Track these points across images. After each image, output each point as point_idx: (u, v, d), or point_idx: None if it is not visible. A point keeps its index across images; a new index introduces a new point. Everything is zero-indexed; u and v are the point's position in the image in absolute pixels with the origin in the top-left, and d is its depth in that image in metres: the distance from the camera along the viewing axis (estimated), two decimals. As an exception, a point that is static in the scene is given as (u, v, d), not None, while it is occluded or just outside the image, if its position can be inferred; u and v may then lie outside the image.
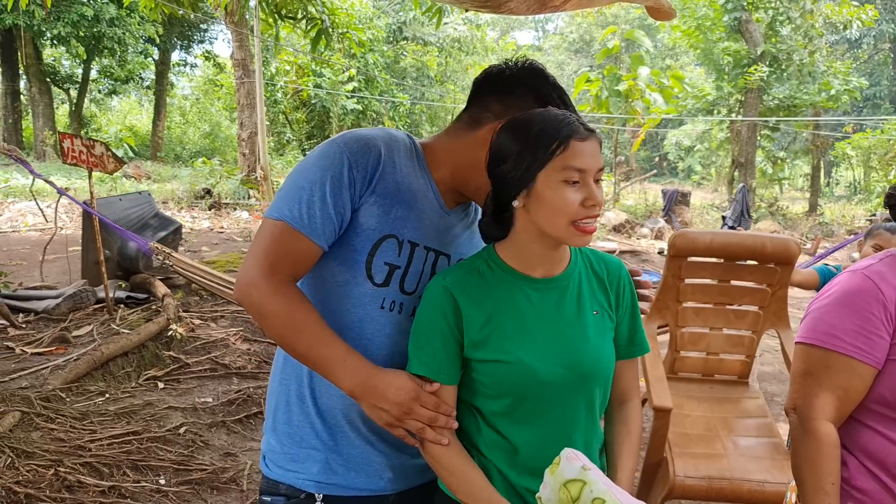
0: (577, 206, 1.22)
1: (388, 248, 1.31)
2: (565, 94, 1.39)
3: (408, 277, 1.34)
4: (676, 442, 2.67)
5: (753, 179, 17.31)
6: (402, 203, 1.32)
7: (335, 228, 1.27)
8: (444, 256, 1.40)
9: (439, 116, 23.41)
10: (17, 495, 3.03)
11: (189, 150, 24.42)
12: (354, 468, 1.39)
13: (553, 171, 1.23)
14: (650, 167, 25.28)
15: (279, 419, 1.43)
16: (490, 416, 1.32)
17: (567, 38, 37.83)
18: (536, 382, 1.27)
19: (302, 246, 1.26)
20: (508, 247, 1.33)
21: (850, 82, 17.14)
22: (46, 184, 5.18)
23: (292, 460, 1.40)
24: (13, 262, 8.01)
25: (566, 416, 1.31)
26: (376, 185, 1.29)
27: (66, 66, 24.75)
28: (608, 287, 1.37)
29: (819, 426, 1.34)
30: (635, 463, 1.41)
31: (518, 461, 1.32)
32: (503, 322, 1.29)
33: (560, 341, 1.30)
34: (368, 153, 1.29)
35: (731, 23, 17.10)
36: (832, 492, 1.32)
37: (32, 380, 4.32)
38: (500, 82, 1.37)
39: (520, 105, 1.32)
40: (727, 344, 3.07)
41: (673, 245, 2.93)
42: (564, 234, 1.24)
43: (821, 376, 1.35)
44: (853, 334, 1.33)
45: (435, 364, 1.29)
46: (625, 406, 1.43)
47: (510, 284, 1.31)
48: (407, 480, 1.44)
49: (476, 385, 1.32)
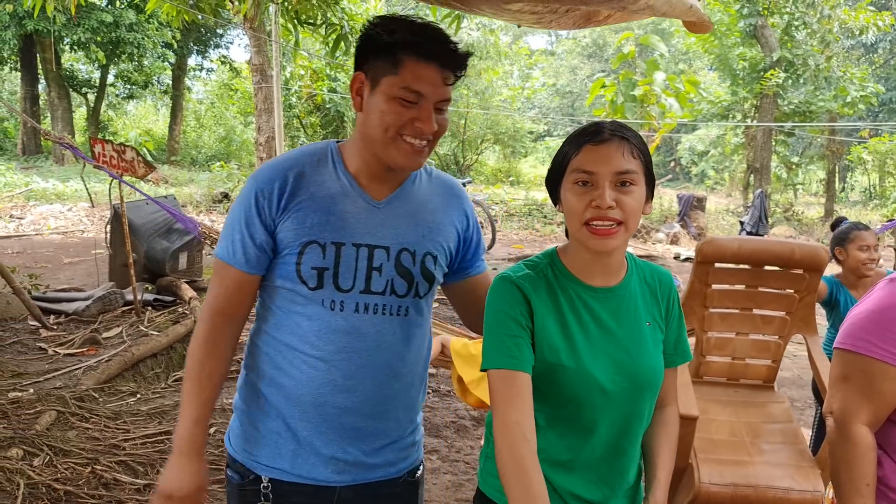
0: (583, 208, 1.25)
1: (311, 253, 1.38)
2: (418, 26, 1.37)
3: (340, 276, 1.40)
4: (702, 448, 2.67)
5: (769, 184, 17.25)
6: (320, 210, 1.39)
7: (258, 254, 1.41)
8: (380, 249, 1.42)
9: (452, 121, 23.47)
10: (56, 492, 3.12)
11: (204, 153, 24.60)
12: (301, 457, 1.45)
13: (568, 174, 1.29)
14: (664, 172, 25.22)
15: (239, 402, 1.53)
16: (544, 417, 1.34)
17: (580, 42, 37.82)
18: (597, 390, 1.30)
19: (234, 275, 1.43)
20: (567, 252, 1.37)
21: (867, 88, 17.07)
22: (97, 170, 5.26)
23: (246, 441, 1.49)
24: (38, 265, 8.14)
25: (619, 424, 1.34)
26: (287, 204, 1.39)
27: (83, 70, 25.04)
28: (660, 299, 1.41)
29: (855, 429, 1.38)
30: (672, 464, 1.45)
31: (564, 464, 1.35)
32: (567, 327, 1.31)
33: (619, 351, 1.32)
34: (273, 181, 1.40)
35: (746, 28, 17.08)
36: (867, 493, 1.36)
37: (66, 380, 4.41)
38: (359, 52, 1.41)
39: (380, 64, 1.36)
40: (753, 349, 3.07)
41: (700, 251, 2.94)
42: (580, 236, 1.28)
43: (857, 381, 1.40)
44: (889, 340, 1.36)
45: (518, 353, 1.28)
46: (664, 410, 1.46)
47: (572, 291, 1.34)
48: (356, 475, 1.47)
49: (536, 385, 1.31)
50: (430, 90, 1.34)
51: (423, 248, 1.46)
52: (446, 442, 4.01)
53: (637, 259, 1.44)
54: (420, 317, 1.50)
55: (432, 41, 1.34)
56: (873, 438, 1.39)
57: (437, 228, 1.48)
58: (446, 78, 1.35)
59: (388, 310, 1.43)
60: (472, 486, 3.50)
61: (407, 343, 1.47)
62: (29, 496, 3.06)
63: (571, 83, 32.47)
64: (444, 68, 1.34)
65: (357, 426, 1.45)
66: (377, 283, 1.42)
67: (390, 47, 1.33)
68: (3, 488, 3.08)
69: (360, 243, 1.41)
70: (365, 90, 1.38)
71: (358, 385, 1.42)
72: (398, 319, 1.45)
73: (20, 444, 3.44)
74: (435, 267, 1.48)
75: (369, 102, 1.37)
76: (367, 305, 1.41)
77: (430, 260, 1.46)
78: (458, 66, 1.36)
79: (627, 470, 1.40)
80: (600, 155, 1.25)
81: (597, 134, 1.27)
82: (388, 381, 1.45)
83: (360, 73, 1.39)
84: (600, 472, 1.36)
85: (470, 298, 1.59)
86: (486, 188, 20.19)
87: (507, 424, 1.24)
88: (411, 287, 1.45)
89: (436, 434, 4.11)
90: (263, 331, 1.48)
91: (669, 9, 1.50)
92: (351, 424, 1.44)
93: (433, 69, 1.33)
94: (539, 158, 29.03)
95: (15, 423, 3.72)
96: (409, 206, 1.47)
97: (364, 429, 1.46)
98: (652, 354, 1.36)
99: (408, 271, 1.44)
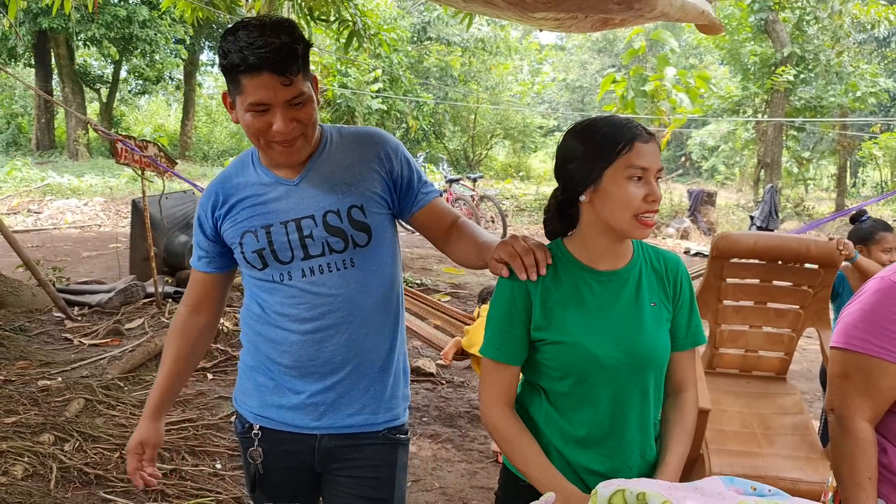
0: (639, 201, 1.36)
1: (248, 241, 1.60)
2: (245, 41, 1.43)
3: (277, 252, 1.59)
4: (713, 439, 2.72)
5: (779, 180, 17.19)
6: (247, 206, 1.61)
7: (213, 254, 1.69)
8: (307, 219, 1.58)
9: (462, 116, 23.48)
10: (87, 476, 3.23)
11: (216, 149, 24.73)
12: (287, 407, 1.65)
13: (618, 169, 1.36)
14: (674, 167, 25.16)
15: (240, 363, 1.76)
16: (552, 395, 1.45)
17: (590, 37, 37.65)
18: (595, 364, 1.39)
19: (198, 276, 1.73)
20: (575, 241, 1.47)
21: (878, 83, 16.96)
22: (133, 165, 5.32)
23: (243, 393, 1.73)
24: (58, 259, 8.27)
25: (621, 399, 1.43)
26: (220, 211, 1.64)
27: (95, 66, 25.18)
28: (666, 281, 1.48)
29: (855, 425, 1.43)
30: (686, 448, 1.50)
31: (575, 439, 1.44)
32: (567, 309, 1.41)
33: (617, 328, 1.41)
34: (209, 196, 1.67)
35: (757, 23, 17.00)
36: (868, 486, 1.40)
37: (92, 369, 4.54)
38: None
39: (230, 87, 1.51)
40: (766, 342, 3.10)
41: (716, 247, 2.97)
42: (628, 227, 1.38)
43: (855, 378, 1.44)
44: (882, 337, 1.41)
45: (501, 345, 1.44)
46: (680, 395, 1.53)
47: (576, 276, 1.43)
48: (334, 419, 1.64)
49: (541, 367, 1.45)
50: (272, 96, 1.44)
51: (345, 203, 1.59)
52: (460, 431, 4.10)
53: (644, 244, 1.52)
54: (373, 264, 1.63)
55: (259, 53, 1.41)
56: (874, 434, 1.44)
57: (355, 181, 1.60)
58: (283, 80, 1.43)
59: (333, 266, 1.59)
60: (486, 474, 3.59)
61: (364, 291, 1.62)
62: (62, 479, 3.18)
63: (581, 78, 32.33)
64: (276, 73, 1.42)
65: (332, 371, 1.62)
66: (313, 247, 1.58)
67: (228, 71, 1.46)
68: (37, 472, 3.20)
69: (286, 220, 1.58)
70: (233, 107, 1.55)
71: (326, 337, 1.60)
72: (346, 272, 1.60)
73: (51, 429, 3.56)
74: (366, 216, 1.60)
75: (238, 117, 1.52)
76: (311, 269, 1.59)
77: (356, 212, 1.59)
78: (288, 69, 1.43)
79: (638, 445, 1.47)
80: (649, 152, 1.37)
81: (641, 133, 1.38)
82: (355, 328, 1.62)
83: (225, 93, 1.56)
84: (610, 446, 1.45)
85: (433, 227, 1.70)
86: (496, 183, 20.21)
87: (489, 405, 1.47)
88: (347, 241, 1.59)
89: (450, 424, 4.20)
90: (245, 307, 1.72)
91: (683, 14, 1.57)
92: (327, 371, 1.62)
93: (266, 77, 1.42)
94: (549, 154, 28.94)
95: (45, 411, 3.84)
96: (324, 172, 1.60)
97: (339, 371, 1.62)
98: (653, 332, 1.44)
99: (338, 229, 1.58)
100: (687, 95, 14.09)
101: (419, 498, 3.34)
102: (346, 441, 1.65)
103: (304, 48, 1.47)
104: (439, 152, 22.66)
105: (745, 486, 1.26)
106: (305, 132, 1.52)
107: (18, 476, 3.12)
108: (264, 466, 1.69)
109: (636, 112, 13.73)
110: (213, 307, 1.77)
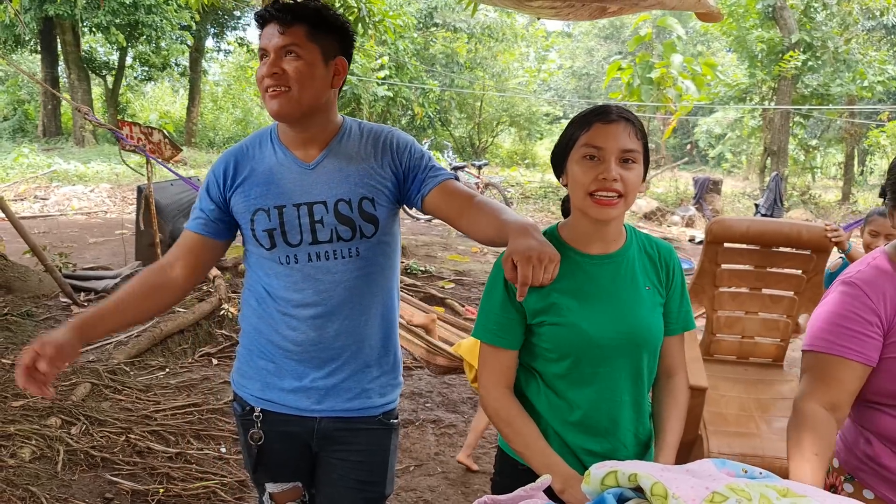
0: (590, 180, 1.38)
1: (260, 219, 1.64)
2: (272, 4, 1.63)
3: (287, 234, 1.63)
4: (711, 421, 2.75)
5: (786, 168, 17.12)
6: (261, 183, 1.64)
7: (210, 219, 1.69)
8: (319, 204, 1.63)
9: (468, 103, 23.43)
10: (94, 458, 3.29)
11: (222, 135, 24.76)
12: (288, 390, 1.69)
13: (577, 149, 1.41)
14: (681, 155, 25.06)
15: (239, 346, 1.79)
16: (549, 378, 1.48)
17: (597, 23, 37.43)
18: (591, 345, 1.42)
19: (188, 235, 1.72)
20: (567, 226, 1.51)
21: (886, 71, 16.84)
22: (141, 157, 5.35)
23: (243, 377, 1.76)
24: (64, 245, 8.32)
25: (616, 379, 1.46)
26: (233, 181, 1.67)
27: (101, 52, 25.18)
28: (659, 268, 1.52)
29: (805, 405, 1.47)
30: (681, 430, 1.53)
31: (572, 421, 1.47)
32: (563, 292, 1.44)
33: (614, 309, 1.44)
34: (221, 165, 1.69)
35: (765, 9, 16.87)
36: (815, 462, 1.41)
37: (98, 354, 4.59)
38: None
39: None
40: (762, 328, 3.14)
41: (710, 231, 3.01)
42: (584, 205, 1.41)
43: (815, 371, 1.50)
44: (844, 337, 1.46)
45: (499, 330, 1.47)
46: (672, 379, 1.56)
47: (569, 260, 1.46)
48: (333, 403, 1.69)
49: (537, 349, 1.47)
50: (268, 42, 1.57)
51: (357, 194, 1.64)
52: (463, 417, 4.14)
53: (637, 231, 1.56)
54: (376, 255, 1.69)
55: (272, 10, 1.58)
56: (829, 416, 1.45)
57: (368, 174, 1.65)
58: (280, 29, 1.56)
59: (339, 254, 1.64)
60: (487, 459, 3.63)
61: (367, 279, 1.67)
62: (68, 462, 3.24)
63: (588, 65, 32.21)
64: (277, 23, 1.57)
65: (333, 356, 1.67)
66: (322, 233, 1.63)
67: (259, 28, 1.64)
68: (44, 454, 3.25)
69: (299, 203, 1.62)
70: None
71: (327, 322, 1.65)
72: (351, 260, 1.65)
73: (58, 413, 3.62)
74: (375, 208, 1.65)
75: None
76: (318, 254, 1.63)
77: (367, 203, 1.64)
78: (288, 23, 1.56)
79: (632, 425, 1.51)
80: (609, 133, 1.39)
81: (606, 114, 1.41)
82: (356, 315, 1.67)
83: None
84: (606, 426, 1.48)
85: (447, 208, 1.71)
86: (501, 170, 20.18)
87: (489, 388, 1.49)
88: (355, 231, 1.64)
89: (453, 409, 4.24)
90: (246, 287, 1.75)
91: (679, 3, 1.59)
92: (328, 356, 1.66)
93: (269, 28, 1.58)
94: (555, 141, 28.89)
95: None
96: (339, 162, 1.65)
97: (339, 357, 1.67)
98: (648, 314, 1.48)
99: (348, 218, 1.63)
100: (693, 83, 14.04)
101: (422, 482, 3.39)
102: (344, 424, 1.71)
103: (327, 26, 1.59)
104: (445, 139, 22.63)
105: (736, 469, 1.28)
106: (289, 84, 1.57)
107: (26, 458, 3.18)
108: (265, 448, 1.73)
109: (641, 99, 13.70)
110: (191, 269, 1.71)
